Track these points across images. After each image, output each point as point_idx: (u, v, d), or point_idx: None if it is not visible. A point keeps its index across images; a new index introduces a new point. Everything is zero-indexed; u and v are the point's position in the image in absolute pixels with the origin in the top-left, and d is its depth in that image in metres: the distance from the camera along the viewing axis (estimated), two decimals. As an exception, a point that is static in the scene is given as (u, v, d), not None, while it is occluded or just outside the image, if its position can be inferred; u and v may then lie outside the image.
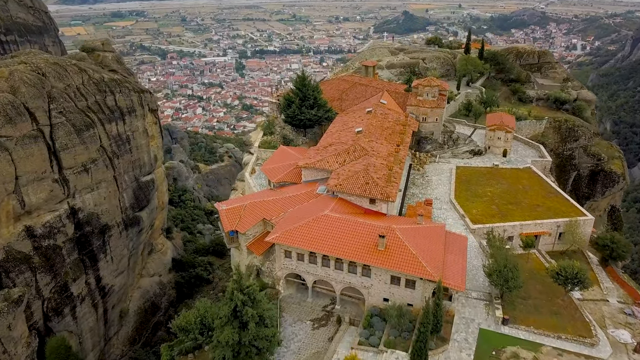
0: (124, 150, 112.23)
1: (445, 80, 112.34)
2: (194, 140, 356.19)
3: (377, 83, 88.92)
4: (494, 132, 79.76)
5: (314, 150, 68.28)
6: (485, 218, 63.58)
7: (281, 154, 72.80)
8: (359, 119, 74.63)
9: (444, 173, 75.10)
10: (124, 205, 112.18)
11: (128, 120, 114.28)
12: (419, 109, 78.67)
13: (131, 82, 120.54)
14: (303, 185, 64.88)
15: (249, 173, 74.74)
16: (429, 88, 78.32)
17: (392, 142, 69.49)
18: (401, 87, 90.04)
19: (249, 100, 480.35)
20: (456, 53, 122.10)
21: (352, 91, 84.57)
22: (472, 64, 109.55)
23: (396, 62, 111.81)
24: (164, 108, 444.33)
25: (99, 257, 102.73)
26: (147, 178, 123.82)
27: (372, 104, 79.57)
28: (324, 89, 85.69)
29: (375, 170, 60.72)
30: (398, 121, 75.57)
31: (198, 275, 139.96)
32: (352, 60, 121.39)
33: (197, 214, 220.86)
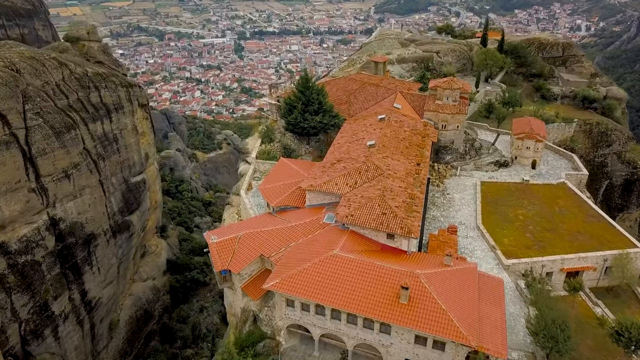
0: (111, 151, 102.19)
1: (461, 76, 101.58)
2: (192, 125, 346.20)
3: (389, 82, 78.48)
4: (522, 141, 69.68)
5: (320, 167, 58.28)
6: (520, 250, 53.91)
7: (281, 168, 62.82)
8: (371, 128, 64.47)
9: (467, 189, 65.18)
10: (112, 210, 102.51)
11: (115, 117, 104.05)
12: (438, 115, 68.44)
13: (118, 76, 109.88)
14: (307, 211, 55.04)
15: (245, 190, 64.81)
16: (450, 91, 68.00)
17: (410, 157, 59.47)
18: (415, 86, 79.62)
19: (248, 82, 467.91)
20: (472, 45, 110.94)
21: (362, 93, 74.17)
22: (491, 58, 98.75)
23: (408, 56, 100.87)
24: (162, 91, 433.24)
25: (83, 269, 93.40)
26: (137, 178, 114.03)
27: (385, 109, 69.29)
28: (330, 89, 75.34)
29: (393, 196, 50.85)
30: (415, 130, 65.42)
31: (194, 279, 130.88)
32: (359, 53, 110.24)
33: (195, 206, 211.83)
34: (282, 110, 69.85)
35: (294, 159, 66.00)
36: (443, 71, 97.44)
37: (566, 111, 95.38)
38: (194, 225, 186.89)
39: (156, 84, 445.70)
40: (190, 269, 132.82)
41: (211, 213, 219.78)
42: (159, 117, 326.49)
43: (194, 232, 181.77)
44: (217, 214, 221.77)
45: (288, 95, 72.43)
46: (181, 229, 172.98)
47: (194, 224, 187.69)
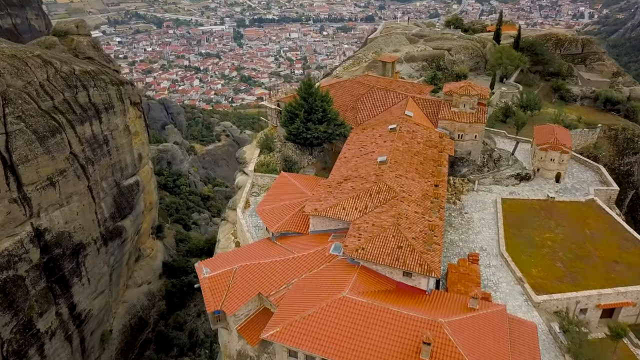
0: (101, 154, 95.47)
1: (474, 76, 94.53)
2: (190, 116, 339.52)
3: (398, 85, 71.57)
4: (545, 152, 62.96)
5: (325, 186, 51.72)
6: (550, 283, 47.52)
7: (282, 185, 56.23)
8: (380, 140, 57.79)
9: (487, 208, 58.59)
10: (102, 217, 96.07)
11: (105, 118, 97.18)
12: (454, 124, 61.64)
13: (109, 73, 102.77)
14: (311, 238, 48.58)
15: (242, 208, 58.23)
16: (467, 98, 61.12)
17: (426, 174, 52.88)
18: (427, 89, 72.69)
19: (247, 71, 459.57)
20: (485, 41, 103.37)
21: (370, 97, 67.29)
22: (507, 56, 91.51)
23: (417, 54, 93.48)
24: (160, 80, 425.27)
25: (72, 282, 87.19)
26: (130, 181, 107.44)
27: (395, 117, 62.49)
28: (334, 94, 68.46)
29: (409, 225, 44.35)
30: (430, 142, 58.70)
31: (191, 283, 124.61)
32: (364, 50, 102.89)
33: (193, 200, 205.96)
34: (283, 119, 63.04)
35: (295, 174, 59.31)
36: (455, 71, 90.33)
37: (587, 114, 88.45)
38: (192, 222, 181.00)
39: (154, 73, 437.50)
40: (187, 272, 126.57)
41: (210, 208, 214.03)
42: (157, 107, 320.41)
43: (192, 229, 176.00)
44: (215, 208, 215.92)
45: (289, 101, 65.65)
46: (179, 227, 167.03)
47: (192, 221, 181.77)
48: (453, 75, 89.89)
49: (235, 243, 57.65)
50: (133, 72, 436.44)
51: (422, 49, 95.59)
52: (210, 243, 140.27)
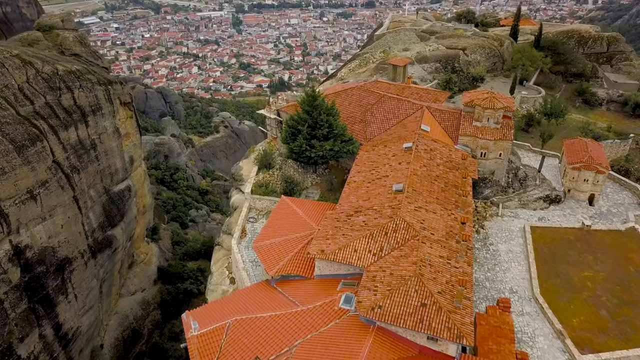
0: (88, 160, 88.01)
1: (490, 77, 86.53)
2: (189, 105, 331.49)
3: (411, 92, 63.90)
4: (578, 171, 55.55)
5: (332, 220, 44.43)
6: (595, 336, 40.51)
7: (282, 214, 48.93)
8: (394, 160, 50.38)
9: (514, 237, 51.37)
10: (91, 227, 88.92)
11: (92, 121, 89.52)
12: (477, 142, 54.11)
13: (96, 72, 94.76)
14: (317, 284, 41.40)
15: (238, 239, 50.91)
16: (491, 112, 53.54)
17: (448, 204, 45.58)
18: (443, 97, 65.04)
19: (247, 58, 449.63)
20: (502, 38, 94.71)
21: (380, 108, 59.60)
22: (528, 56, 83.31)
23: (429, 54, 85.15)
24: (158, 67, 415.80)
25: (57, 300, 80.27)
26: (120, 186, 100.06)
27: (410, 132, 54.91)
28: (341, 103, 60.85)
29: (434, 274, 37.20)
30: (451, 163, 51.27)
31: (187, 290, 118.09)
32: (371, 48, 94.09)
33: (191, 195, 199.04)
34: (283, 134, 55.42)
35: (298, 199, 51.90)
36: (471, 73, 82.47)
37: (615, 120, 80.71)
38: (189, 219, 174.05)
39: (152, 60, 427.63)
40: (183, 278, 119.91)
41: (208, 202, 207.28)
42: (155, 96, 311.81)
43: (190, 227, 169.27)
44: (214, 202, 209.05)
45: (290, 112, 58.04)
46: (175, 225, 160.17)
47: (189, 218, 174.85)
48: (469, 78, 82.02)
49: (229, 279, 50.51)
50: (130, 59, 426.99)
51: (434, 48, 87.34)
52: (206, 245, 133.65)
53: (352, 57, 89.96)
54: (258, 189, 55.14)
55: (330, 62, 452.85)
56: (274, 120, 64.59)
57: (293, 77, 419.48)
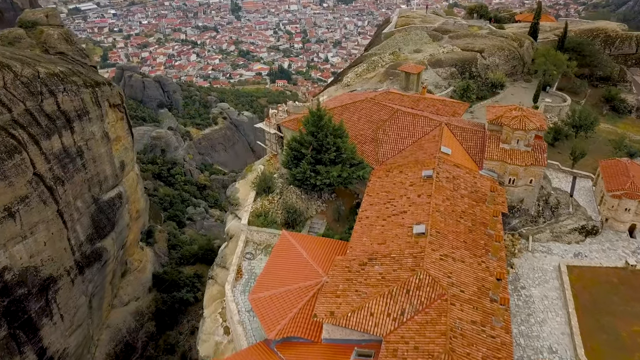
0: (74, 169, 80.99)
1: (510, 83, 78.78)
2: (187, 94, 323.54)
3: (427, 104, 56.68)
4: (618, 200, 48.73)
5: (343, 268, 37.63)
6: (653, 413, 34.13)
7: (284, 254, 42.08)
8: (412, 191, 43.43)
9: (549, 279, 44.58)
10: (77, 241, 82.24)
11: (78, 127, 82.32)
12: (505, 167, 47.09)
13: (82, 73, 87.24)
14: (326, 351, 34.71)
15: (232, 282, 44.06)
16: (522, 133, 46.46)
17: (477, 248, 38.78)
18: (461, 108, 57.78)
19: (246, 45, 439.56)
20: (521, 39, 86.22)
21: (393, 125, 52.39)
22: (553, 60, 75.28)
23: (444, 57, 77.18)
24: (156, 55, 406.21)
25: (40, 323, 73.89)
26: (111, 194, 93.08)
27: (429, 154, 47.82)
28: (349, 119, 53.70)
29: (467, 347, 30.60)
30: (477, 194, 44.30)
31: (183, 300, 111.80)
32: (379, 49, 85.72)
33: (189, 190, 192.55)
34: (285, 158, 48.30)
35: (301, 235, 44.99)
36: (490, 79, 74.92)
37: (638, 129, 73.55)
38: (187, 217, 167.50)
39: (150, 47, 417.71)
40: (179, 286, 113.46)
41: (206, 197, 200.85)
42: (152, 85, 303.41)
43: (187, 226, 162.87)
44: (212, 197, 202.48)
45: (292, 130, 50.91)
46: (172, 224, 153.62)
47: (187, 216, 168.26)
48: (487, 84, 74.52)
49: (224, 328, 43.81)
50: (128, 47, 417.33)
51: (448, 50, 79.43)
52: (203, 249, 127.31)
53: (359, 59, 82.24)
54: (256, 220, 48.18)
55: (331, 49, 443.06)
56: (274, 135, 57.47)
57: (293, 65, 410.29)
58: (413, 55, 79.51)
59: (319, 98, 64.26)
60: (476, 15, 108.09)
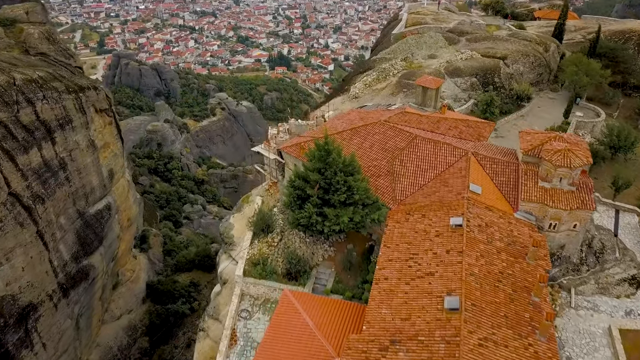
0: (56, 184, 73.44)
1: (536, 93, 70.44)
2: (185, 82, 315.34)
3: (449, 125, 49.04)
4: (676, 246, 41.52)
5: (357, 354, 30.46)
6: None
7: (286, 326, 34.75)
8: (439, 245, 36.13)
9: (599, 347, 37.18)
10: (61, 262, 75.08)
11: (60, 137, 74.58)
12: (545, 210, 39.56)
13: (65, 77, 79.14)
14: None
15: (225, 351, 36.81)
16: (566, 170, 38.92)
17: (522, 325, 31.63)
18: (487, 129, 50.10)
19: (245, 31, 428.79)
20: (546, 42, 77.33)
21: (412, 154, 44.71)
22: (585, 69, 66.48)
23: (463, 66, 68.47)
24: (154, 40, 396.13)
25: (19, 356, 67.05)
26: (98, 206, 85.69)
27: (455, 194, 40.26)
28: (360, 145, 46.07)
29: None
30: (515, 246, 36.89)
31: (178, 312, 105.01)
32: (389, 53, 76.72)
33: (186, 186, 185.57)
34: (287, 198, 40.66)
35: (305, 295, 37.66)
36: (515, 89, 66.76)
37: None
38: (184, 216, 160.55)
39: (147, 33, 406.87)
40: (174, 297, 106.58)
41: (204, 192, 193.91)
42: (150, 73, 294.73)
43: (184, 225, 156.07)
44: (210, 193, 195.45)
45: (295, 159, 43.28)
46: (168, 225, 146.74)
47: (184, 215, 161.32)
48: (512, 96, 66.38)
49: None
50: (125, 32, 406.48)
51: (467, 57, 70.74)
52: (200, 256, 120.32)
53: (367, 64, 73.74)
54: (253, 269, 40.79)
55: (331, 35, 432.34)
56: (275, 161, 49.83)
57: (292, 51, 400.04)
58: (427, 62, 71.21)
59: (325, 114, 56.30)
60: (491, 10, 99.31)
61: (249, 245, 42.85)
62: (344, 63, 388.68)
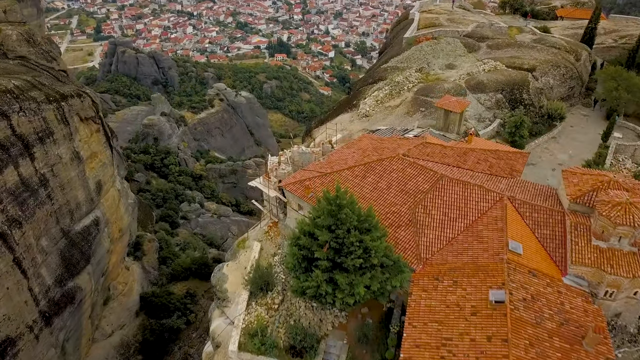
0: (36, 204, 66.37)
1: (567, 107, 62.33)
2: (183, 70, 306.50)
3: (477, 159, 41.79)
4: None
5: None
6: None
7: None
8: (477, 329, 29.36)
9: None
10: (43, 288, 68.36)
11: (40, 152, 67.28)
12: (601, 275, 32.58)
13: (45, 84, 71.46)
14: None
15: None
16: (628, 229, 31.84)
17: None
18: (520, 161, 42.72)
19: (244, 17, 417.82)
20: (578, 50, 68.56)
21: (438, 199, 37.49)
22: (627, 86, 58.27)
23: (486, 80, 59.72)
24: (151, 27, 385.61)
25: (-4, 396, 60.65)
26: (85, 222, 78.78)
27: (492, 254, 33.30)
28: (374, 186, 38.89)
29: None
30: (568, 328, 30.02)
31: (173, 328, 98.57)
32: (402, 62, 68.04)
33: (183, 182, 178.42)
34: (290, 260, 33.48)
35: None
36: (545, 107, 58.79)
37: None
38: (181, 216, 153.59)
39: (145, 19, 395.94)
40: (169, 310, 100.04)
41: (202, 188, 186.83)
42: (147, 62, 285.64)
43: (180, 226, 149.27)
44: (208, 188, 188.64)
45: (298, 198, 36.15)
46: (165, 226, 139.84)
47: (181, 215, 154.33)
48: (544, 117, 58.25)
49: None
50: (122, 18, 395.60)
51: (490, 68, 62.25)
52: (197, 264, 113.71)
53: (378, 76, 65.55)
54: (249, 341, 33.86)
55: (332, 20, 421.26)
56: (275, 199, 42.58)
57: (292, 38, 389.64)
58: (445, 74, 63.28)
59: (332, 138, 48.87)
60: (509, 8, 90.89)
61: (244, 309, 35.79)
62: (345, 50, 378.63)
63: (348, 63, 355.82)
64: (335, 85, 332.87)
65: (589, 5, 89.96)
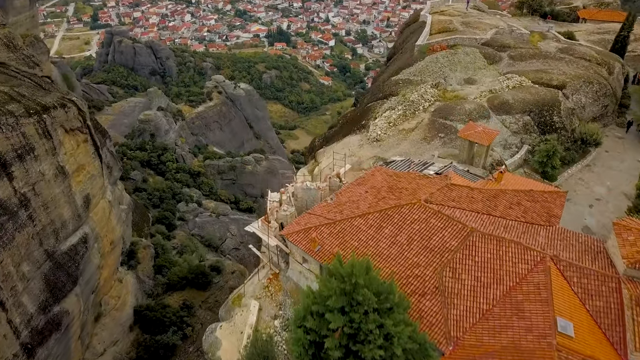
0: (16, 227, 60.13)
1: (601, 127, 55.55)
2: (181, 60, 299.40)
3: (509, 202, 35.71)
4: None
5: None
6: None
7: None
8: None
9: None
10: (24, 318, 62.43)
11: (20, 170, 60.80)
12: (672, 367, 26.88)
13: (25, 95, 64.82)
14: None
15: None
16: None
17: None
18: (558, 202, 36.80)
19: (243, 4, 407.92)
20: (610, 62, 61.52)
21: (468, 259, 31.55)
22: None
23: (512, 100, 52.27)
24: (149, 15, 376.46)
25: None
26: (72, 240, 72.58)
27: (537, 336, 27.59)
28: (392, 240, 32.92)
29: None
30: None
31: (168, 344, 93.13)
32: (415, 75, 61.04)
33: (181, 179, 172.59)
34: (295, 347, 27.52)
35: None
36: (576, 132, 52.15)
37: None
38: (178, 216, 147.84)
39: (143, 6, 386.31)
40: (164, 325, 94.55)
41: (200, 185, 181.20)
42: (144, 52, 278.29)
43: (178, 228, 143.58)
44: (207, 185, 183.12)
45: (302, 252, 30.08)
46: (161, 229, 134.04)
47: (178, 215, 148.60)
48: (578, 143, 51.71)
49: None
50: (119, 6, 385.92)
51: (516, 84, 55.02)
52: (194, 273, 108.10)
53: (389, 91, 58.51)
54: None
55: (332, 8, 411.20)
56: (276, 247, 36.51)
57: (292, 26, 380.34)
58: (465, 90, 56.48)
59: (340, 169, 42.59)
60: (527, 9, 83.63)
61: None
62: (346, 38, 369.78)
63: (348, 52, 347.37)
64: (335, 74, 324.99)
65: (614, 6, 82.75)
